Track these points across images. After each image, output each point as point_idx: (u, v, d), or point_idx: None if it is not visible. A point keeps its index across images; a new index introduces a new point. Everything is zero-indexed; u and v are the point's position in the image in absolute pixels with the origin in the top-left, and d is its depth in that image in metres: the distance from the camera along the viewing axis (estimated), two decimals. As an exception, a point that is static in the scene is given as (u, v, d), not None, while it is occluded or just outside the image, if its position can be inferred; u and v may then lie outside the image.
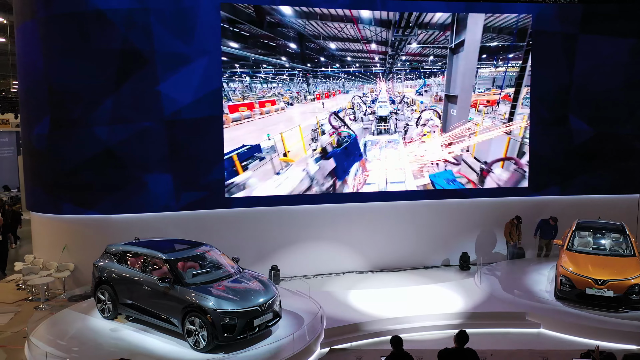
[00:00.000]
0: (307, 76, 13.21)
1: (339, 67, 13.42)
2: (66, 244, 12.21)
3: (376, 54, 13.50)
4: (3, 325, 10.37)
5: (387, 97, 13.86)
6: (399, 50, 13.62)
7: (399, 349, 7.10)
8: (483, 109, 14.07)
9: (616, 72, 14.18)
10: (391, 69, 13.66)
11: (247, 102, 12.83)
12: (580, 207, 14.08)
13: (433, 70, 13.91)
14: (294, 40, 12.85)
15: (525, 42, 13.85)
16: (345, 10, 12.83)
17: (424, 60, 13.86)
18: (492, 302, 10.98)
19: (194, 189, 12.28)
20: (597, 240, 11.74)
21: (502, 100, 14.10)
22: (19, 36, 12.49)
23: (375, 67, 13.58)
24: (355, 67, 13.54)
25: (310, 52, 13.09)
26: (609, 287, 10.17)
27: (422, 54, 13.76)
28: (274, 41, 12.74)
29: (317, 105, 13.37)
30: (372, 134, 13.75)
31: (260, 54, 12.72)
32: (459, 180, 13.96)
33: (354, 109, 13.73)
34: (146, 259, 9.36)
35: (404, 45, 13.62)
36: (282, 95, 13.19)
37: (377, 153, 13.69)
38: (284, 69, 13.07)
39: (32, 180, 12.57)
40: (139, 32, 11.57)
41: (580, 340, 9.68)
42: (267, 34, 12.63)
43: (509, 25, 13.74)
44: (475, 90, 13.90)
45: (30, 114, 12.39)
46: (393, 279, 13.13)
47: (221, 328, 8.23)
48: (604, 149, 14.37)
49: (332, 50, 13.22)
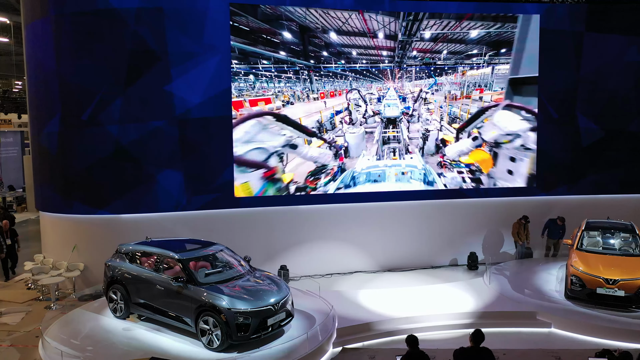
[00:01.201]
0: (310, 73, 12.85)
1: (343, 63, 12.75)
2: (76, 244, 12.22)
3: (384, 50, 13.09)
4: (15, 325, 10.40)
5: (397, 94, 12.82)
6: (409, 40, 12.86)
7: (415, 347, 7.10)
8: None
9: (625, 70, 14.20)
10: (400, 64, 12.87)
11: (235, 101, 12.36)
12: (587, 207, 14.09)
13: (443, 68, 13.54)
14: (295, 34, 12.60)
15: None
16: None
17: (436, 57, 13.54)
18: (502, 302, 10.99)
19: (204, 189, 12.32)
20: (607, 240, 11.74)
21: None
22: (29, 34, 12.49)
23: (382, 64, 13.04)
24: (361, 63, 12.91)
25: (313, 47, 12.80)
26: (620, 287, 10.17)
27: (433, 50, 13.47)
28: (276, 37, 12.56)
29: (320, 104, 13.04)
30: (377, 142, 12.39)
31: (266, 50, 12.51)
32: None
33: (349, 108, 12.34)
34: (159, 258, 9.37)
35: (416, 31, 12.90)
36: (282, 93, 12.71)
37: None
38: (285, 64, 12.63)
39: (41, 180, 12.59)
40: (152, 31, 11.60)
41: (591, 340, 9.66)
42: (270, 29, 12.50)
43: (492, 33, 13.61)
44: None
45: (40, 112, 12.40)
46: (401, 279, 13.15)
47: (235, 327, 8.24)
48: (612, 148, 14.38)
49: (337, 44, 12.70)
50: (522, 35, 13.69)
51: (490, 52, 13.63)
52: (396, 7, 13.01)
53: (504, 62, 13.77)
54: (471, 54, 13.63)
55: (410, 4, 13.11)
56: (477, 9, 13.42)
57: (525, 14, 13.67)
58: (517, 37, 13.67)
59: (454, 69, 13.66)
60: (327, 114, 12.97)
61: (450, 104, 13.77)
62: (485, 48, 13.57)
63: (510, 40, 13.68)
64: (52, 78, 11.86)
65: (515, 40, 13.68)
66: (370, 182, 13.24)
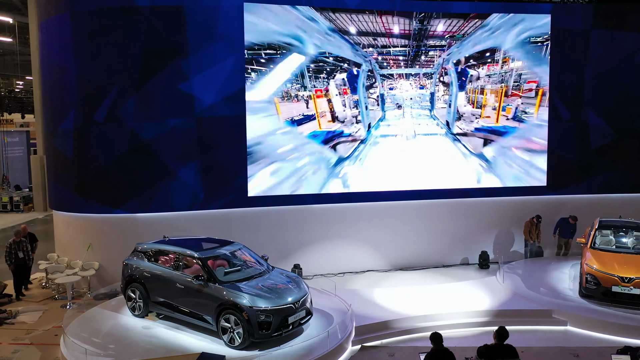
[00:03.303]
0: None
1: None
2: (91, 243, 12.25)
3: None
4: (33, 324, 10.43)
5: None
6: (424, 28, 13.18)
7: (439, 345, 7.16)
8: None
9: (635, 68, 14.25)
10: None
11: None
12: (597, 206, 14.16)
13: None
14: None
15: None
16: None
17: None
18: (517, 300, 11.05)
19: (218, 188, 12.36)
20: (620, 239, 11.81)
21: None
22: (43, 32, 12.49)
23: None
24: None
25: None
26: (635, 285, 10.23)
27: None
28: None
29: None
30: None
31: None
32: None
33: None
34: (178, 257, 9.40)
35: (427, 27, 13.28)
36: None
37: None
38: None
39: (55, 179, 12.61)
40: (170, 29, 11.62)
41: (608, 338, 9.74)
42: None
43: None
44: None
45: (54, 111, 12.40)
46: (414, 278, 13.19)
47: (257, 325, 8.27)
48: (622, 146, 14.46)
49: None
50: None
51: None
52: (405, 7, 13.10)
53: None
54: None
55: (423, 4, 13.19)
56: (492, 8, 13.49)
57: (539, 13, 13.74)
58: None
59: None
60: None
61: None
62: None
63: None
64: (67, 75, 11.86)
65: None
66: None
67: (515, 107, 14.09)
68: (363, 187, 13.46)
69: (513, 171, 14.24)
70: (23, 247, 12.10)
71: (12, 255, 11.94)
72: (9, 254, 11.96)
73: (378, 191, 13.53)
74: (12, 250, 11.96)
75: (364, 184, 13.47)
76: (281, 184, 12.89)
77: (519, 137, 14.21)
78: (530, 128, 14.22)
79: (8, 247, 12.02)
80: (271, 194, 12.79)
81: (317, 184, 13.12)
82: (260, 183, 12.69)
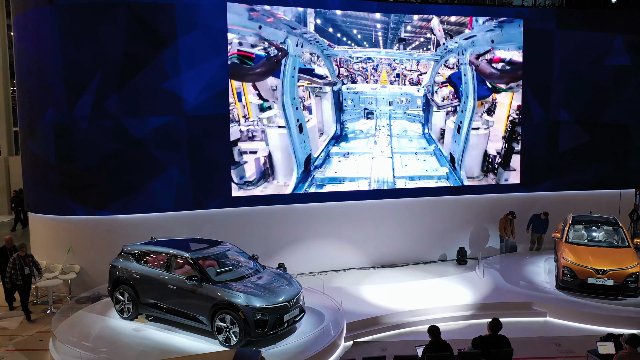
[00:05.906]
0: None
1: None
2: (71, 246, 11.95)
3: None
4: (14, 330, 10.10)
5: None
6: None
7: (437, 337, 7.39)
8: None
9: (604, 68, 14.90)
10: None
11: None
12: (566, 202, 14.81)
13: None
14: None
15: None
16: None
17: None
18: (498, 294, 11.45)
19: (202, 189, 12.27)
20: (592, 233, 12.40)
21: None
22: (19, 25, 11.93)
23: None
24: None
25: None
26: (609, 277, 10.79)
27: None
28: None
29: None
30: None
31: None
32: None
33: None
34: (169, 258, 9.31)
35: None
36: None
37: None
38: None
39: (34, 181, 12.19)
40: (155, 25, 11.47)
41: (585, 327, 10.24)
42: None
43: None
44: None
45: (33, 109, 11.92)
46: (396, 274, 13.47)
47: (254, 324, 8.31)
48: (591, 147, 15.13)
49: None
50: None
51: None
52: (388, 10, 13.33)
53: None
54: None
55: (406, 6, 13.45)
56: (475, 12, 13.93)
57: (516, 18, 14.25)
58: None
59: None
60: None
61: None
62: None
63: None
64: (45, 72, 11.46)
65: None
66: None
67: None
68: (339, 187, 13.65)
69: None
70: (29, 262, 10.70)
71: (17, 272, 10.47)
72: (14, 271, 10.49)
73: (358, 190, 13.72)
74: (17, 267, 10.48)
75: (340, 185, 13.68)
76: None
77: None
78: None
79: (12, 263, 10.51)
80: (255, 194, 12.80)
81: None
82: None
